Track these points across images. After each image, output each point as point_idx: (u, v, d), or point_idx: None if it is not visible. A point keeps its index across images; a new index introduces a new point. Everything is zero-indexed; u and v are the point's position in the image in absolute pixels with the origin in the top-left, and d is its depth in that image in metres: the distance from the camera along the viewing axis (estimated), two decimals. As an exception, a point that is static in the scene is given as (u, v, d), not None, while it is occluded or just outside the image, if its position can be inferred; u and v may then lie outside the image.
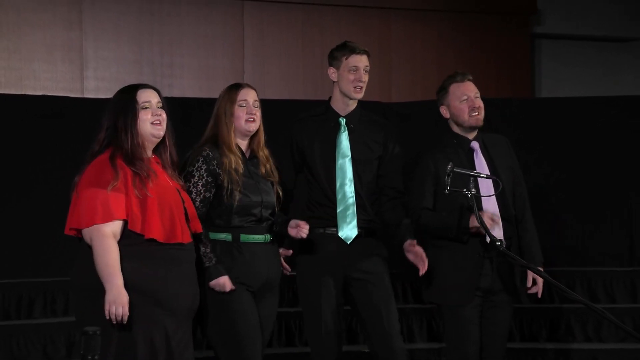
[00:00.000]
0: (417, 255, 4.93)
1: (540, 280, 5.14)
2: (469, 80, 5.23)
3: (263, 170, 4.79)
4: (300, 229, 4.74)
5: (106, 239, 4.17)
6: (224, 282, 4.59)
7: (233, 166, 4.65)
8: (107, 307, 4.09)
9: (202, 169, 4.65)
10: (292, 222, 4.77)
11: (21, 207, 6.65)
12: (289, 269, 5.03)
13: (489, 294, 5.12)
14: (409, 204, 5.19)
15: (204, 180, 4.64)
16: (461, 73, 5.27)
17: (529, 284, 5.17)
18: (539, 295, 5.22)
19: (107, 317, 4.10)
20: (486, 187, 5.01)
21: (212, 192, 4.66)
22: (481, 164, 5.13)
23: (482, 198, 4.98)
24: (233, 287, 4.58)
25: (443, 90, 5.25)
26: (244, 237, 4.68)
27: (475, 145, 5.20)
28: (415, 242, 4.96)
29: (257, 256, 4.70)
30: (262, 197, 4.72)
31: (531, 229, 5.24)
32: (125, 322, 4.12)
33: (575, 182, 7.41)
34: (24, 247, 6.60)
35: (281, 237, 4.91)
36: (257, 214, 4.71)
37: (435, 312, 6.52)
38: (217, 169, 4.65)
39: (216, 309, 4.61)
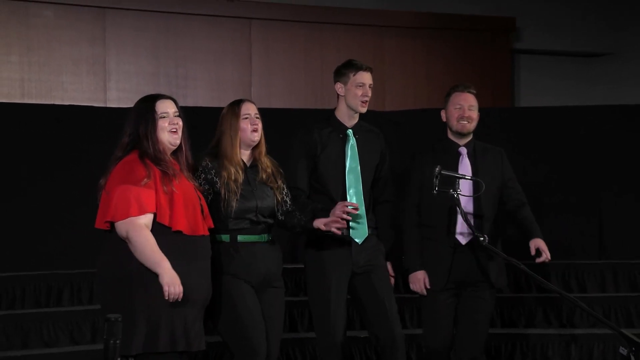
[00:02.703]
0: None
1: (543, 248, 5.10)
2: (469, 92, 5.26)
3: (264, 176, 4.76)
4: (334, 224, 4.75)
5: (143, 230, 4.18)
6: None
7: (232, 177, 4.63)
8: (165, 289, 4.12)
9: (200, 178, 4.64)
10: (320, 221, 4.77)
11: (50, 206, 6.66)
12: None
13: (465, 285, 5.14)
14: (404, 202, 5.25)
15: (202, 187, 4.61)
16: (465, 85, 5.31)
17: (533, 252, 5.12)
18: (549, 259, 5.13)
19: (166, 297, 4.12)
20: (467, 188, 5.03)
21: (209, 198, 4.63)
22: (465, 167, 5.15)
23: (460, 197, 4.99)
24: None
25: (447, 96, 5.29)
26: (242, 238, 4.66)
27: (463, 150, 5.22)
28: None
29: (254, 255, 4.67)
30: (257, 202, 4.69)
31: (527, 213, 5.25)
32: (180, 299, 4.15)
33: (552, 183, 7.42)
34: (53, 242, 6.61)
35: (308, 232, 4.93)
36: (252, 218, 4.69)
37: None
38: (214, 178, 4.64)
39: (222, 303, 4.60)
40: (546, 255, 5.11)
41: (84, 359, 5.86)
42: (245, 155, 4.76)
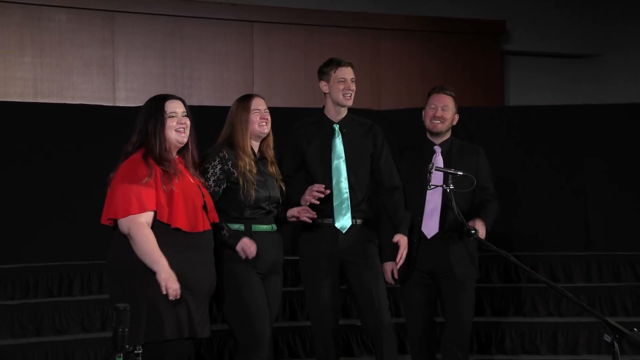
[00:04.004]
0: (401, 247, 4.95)
1: (479, 224, 4.94)
2: (445, 93, 5.21)
3: (271, 169, 4.80)
4: (305, 214, 4.77)
5: (143, 228, 4.17)
6: (247, 241, 4.58)
7: (248, 168, 4.65)
8: (162, 285, 4.12)
9: (216, 168, 4.64)
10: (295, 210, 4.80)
11: (62, 200, 6.67)
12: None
13: (439, 276, 5.13)
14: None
15: (216, 177, 4.64)
16: (442, 87, 5.25)
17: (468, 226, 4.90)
18: (482, 235, 4.91)
19: (164, 293, 4.12)
20: (437, 179, 4.90)
21: (222, 188, 4.64)
22: (437, 164, 5.11)
23: (429, 192, 4.97)
24: (254, 246, 4.57)
25: (427, 97, 5.27)
26: (255, 227, 4.68)
27: (437, 148, 5.20)
28: (405, 237, 4.97)
29: (266, 243, 4.69)
30: (269, 192, 4.72)
31: (492, 208, 5.14)
32: (179, 296, 4.15)
33: (540, 180, 7.42)
34: (65, 234, 6.61)
35: (281, 222, 4.92)
36: (265, 207, 4.71)
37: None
38: (231, 169, 4.65)
39: (230, 291, 4.61)
40: (481, 233, 4.88)
41: (94, 346, 5.86)
42: (254, 146, 4.78)
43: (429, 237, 5.10)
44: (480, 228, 4.90)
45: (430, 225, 5.10)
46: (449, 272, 5.11)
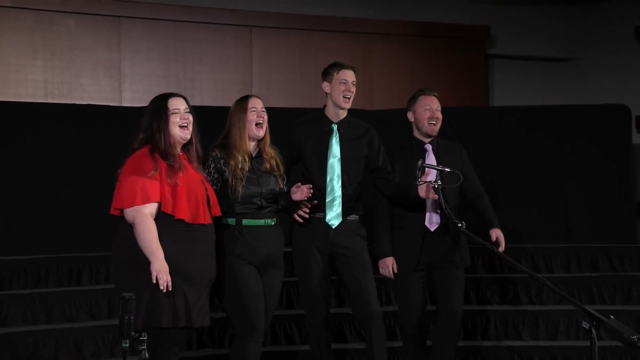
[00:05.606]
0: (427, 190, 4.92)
1: (501, 239, 5.15)
2: (434, 95, 5.24)
3: (268, 166, 4.77)
4: (303, 191, 4.76)
5: (147, 220, 4.17)
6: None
7: (239, 166, 4.63)
8: (154, 275, 4.10)
9: (210, 167, 4.64)
10: (293, 188, 4.79)
11: (71, 195, 6.66)
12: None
13: (435, 267, 5.14)
14: (379, 195, 5.24)
15: (211, 176, 4.64)
16: (429, 89, 5.29)
17: (493, 239, 5.14)
18: (502, 249, 5.13)
19: (154, 282, 4.10)
20: (432, 177, 4.97)
21: (219, 185, 4.65)
22: (431, 162, 5.13)
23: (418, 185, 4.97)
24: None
25: (413, 99, 5.27)
26: (246, 222, 4.66)
27: (428, 147, 5.22)
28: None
29: (258, 237, 4.67)
30: (261, 188, 4.70)
31: (487, 204, 5.25)
32: (170, 287, 4.13)
33: (523, 176, 7.43)
34: (74, 228, 6.61)
35: (288, 211, 4.92)
36: (257, 202, 4.69)
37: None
38: (223, 167, 4.65)
39: (226, 281, 4.61)
40: (502, 246, 5.15)
41: (101, 333, 5.86)
42: (251, 146, 4.76)
43: (432, 230, 5.11)
44: (502, 241, 5.14)
45: (433, 219, 5.10)
46: (448, 261, 5.13)
